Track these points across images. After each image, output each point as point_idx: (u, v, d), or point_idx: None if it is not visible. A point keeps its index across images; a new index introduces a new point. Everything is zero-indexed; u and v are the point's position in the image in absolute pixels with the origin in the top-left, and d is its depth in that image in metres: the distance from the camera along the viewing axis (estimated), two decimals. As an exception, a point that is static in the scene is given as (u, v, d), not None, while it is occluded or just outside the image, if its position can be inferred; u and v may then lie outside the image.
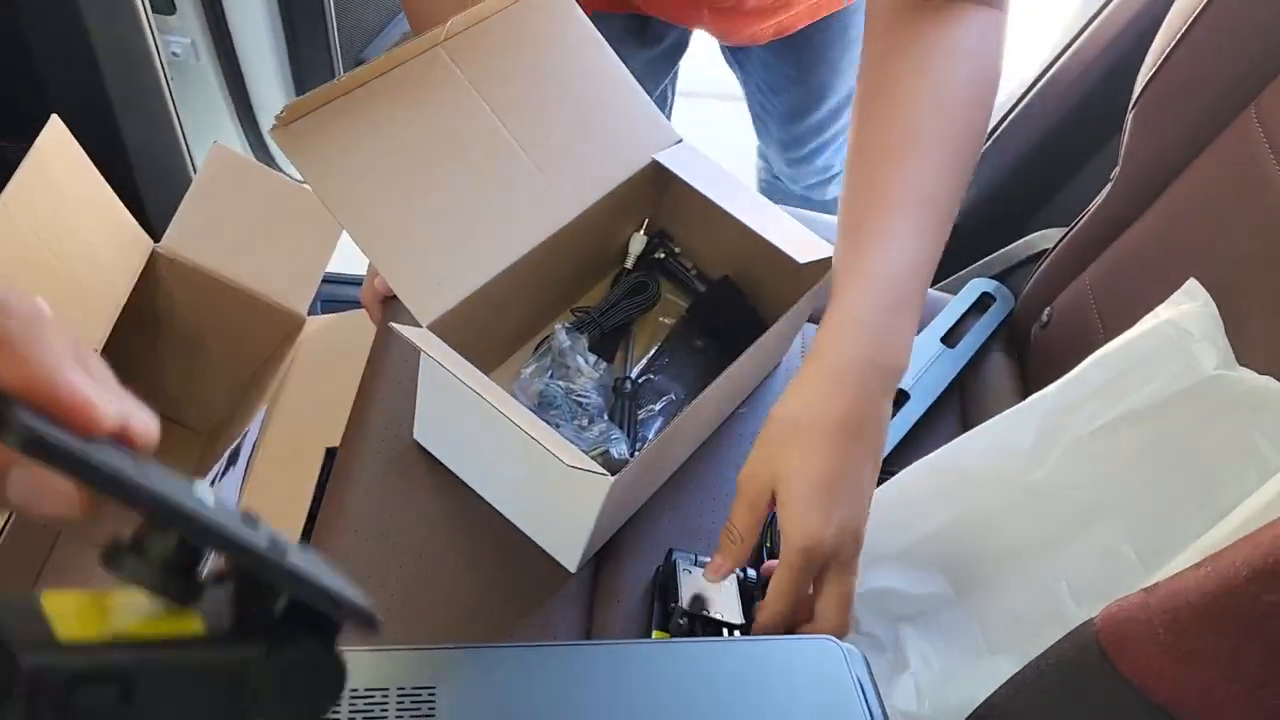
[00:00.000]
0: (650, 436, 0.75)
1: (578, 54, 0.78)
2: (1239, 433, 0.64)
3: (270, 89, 1.49)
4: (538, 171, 0.74)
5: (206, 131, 1.42)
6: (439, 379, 0.71)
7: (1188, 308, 0.69)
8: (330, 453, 0.97)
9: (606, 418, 0.74)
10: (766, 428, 0.64)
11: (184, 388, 1.13)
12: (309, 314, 1.10)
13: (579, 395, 0.75)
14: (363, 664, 0.40)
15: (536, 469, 0.66)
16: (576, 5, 0.79)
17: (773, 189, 1.55)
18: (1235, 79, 0.70)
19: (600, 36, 0.79)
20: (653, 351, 0.83)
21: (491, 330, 0.76)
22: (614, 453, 0.72)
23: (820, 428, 0.62)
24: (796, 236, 0.76)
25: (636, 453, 0.69)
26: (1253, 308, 0.68)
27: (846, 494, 0.62)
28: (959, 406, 0.87)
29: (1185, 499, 0.66)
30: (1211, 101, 0.71)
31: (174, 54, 1.37)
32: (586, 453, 0.69)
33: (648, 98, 0.80)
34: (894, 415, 0.81)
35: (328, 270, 1.21)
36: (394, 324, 0.65)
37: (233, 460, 1.02)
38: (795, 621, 0.63)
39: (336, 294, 1.32)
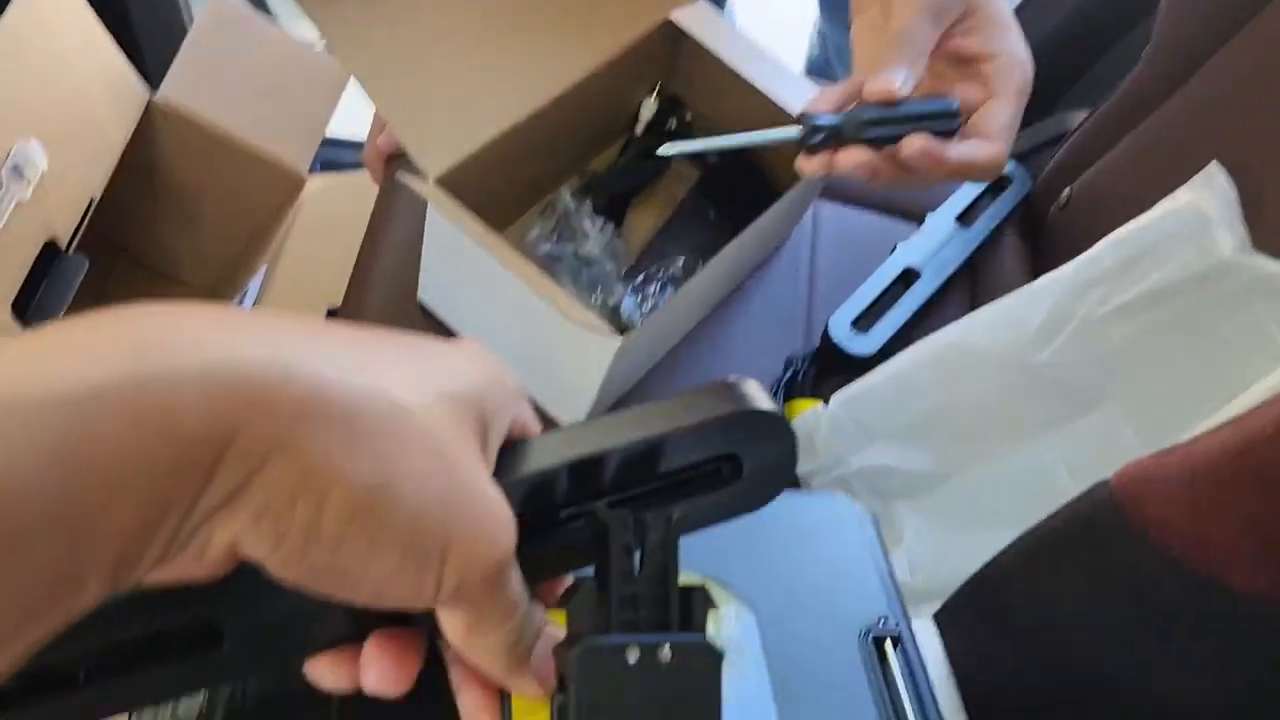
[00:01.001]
0: (659, 303, 0.75)
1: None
2: (1252, 319, 0.63)
3: (269, -60, 1.43)
4: (550, 26, 0.72)
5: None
6: (445, 234, 0.69)
7: (1207, 192, 0.68)
8: (331, 314, 0.96)
9: (615, 281, 0.73)
10: None
11: (182, 244, 1.11)
12: (309, 174, 1.08)
13: (586, 258, 0.74)
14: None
15: (543, 328, 0.66)
16: None
17: (824, 72, 1.45)
18: (1280, -48, 0.67)
19: None
20: (664, 221, 0.81)
21: (498, 191, 0.75)
22: (623, 316, 0.71)
23: None
24: None
25: (644, 317, 0.68)
26: (1275, 194, 0.67)
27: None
28: (969, 287, 0.86)
29: (1192, 383, 0.65)
30: (1253, -23, 0.69)
31: (169, -102, 1.31)
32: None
33: None
34: (904, 294, 0.81)
35: (327, 134, 1.18)
36: (400, 174, 0.64)
37: (232, 319, 1.00)
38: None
39: (336, 158, 1.29)
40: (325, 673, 0.31)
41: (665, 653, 0.29)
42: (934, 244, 0.83)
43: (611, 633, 0.29)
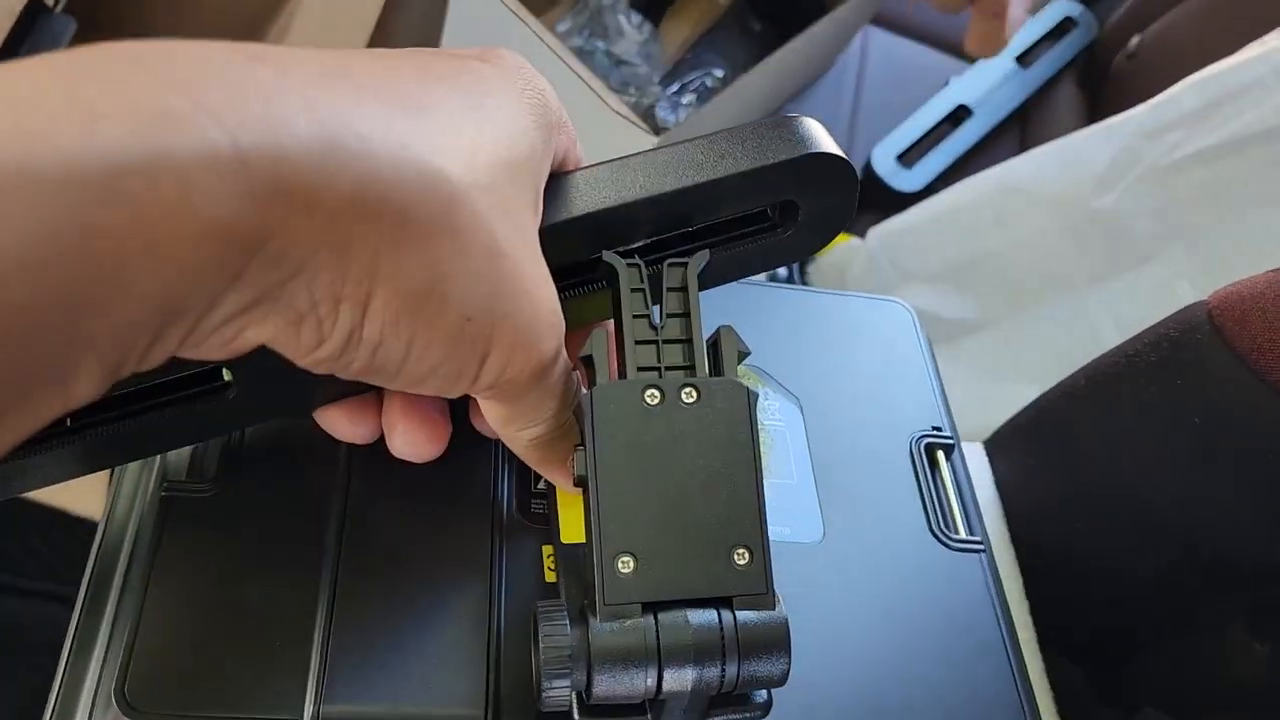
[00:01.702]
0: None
1: None
2: (1337, 176, 0.59)
3: None
4: None
5: None
6: (470, 10, 0.63)
7: (1303, 38, 0.63)
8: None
9: (650, 84, 0.68)
10: None
11: (173, 25, 1.04)
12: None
13: (619, 57, 0.68)
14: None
15: (574, 118, 0.60)
16: None
17: None
18: None
19: None
20: (703, 30, 0.75)
21: None
22: (657, 119, 0.65)
23: None
24: None
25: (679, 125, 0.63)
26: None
27: None
28: (1019, 133, 0.81)
29: (1258, 241, 0.61)
30: None
31: None
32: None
33: None
34: (953, 131, 0.75)
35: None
36: None
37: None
38: None
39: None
40: (342, 423, 0.29)
41: (689, 394, 0.27)
42: (990, 82, 0.77)
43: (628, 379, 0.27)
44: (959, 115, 0.76)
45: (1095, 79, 0.82)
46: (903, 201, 0.71)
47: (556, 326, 0.25)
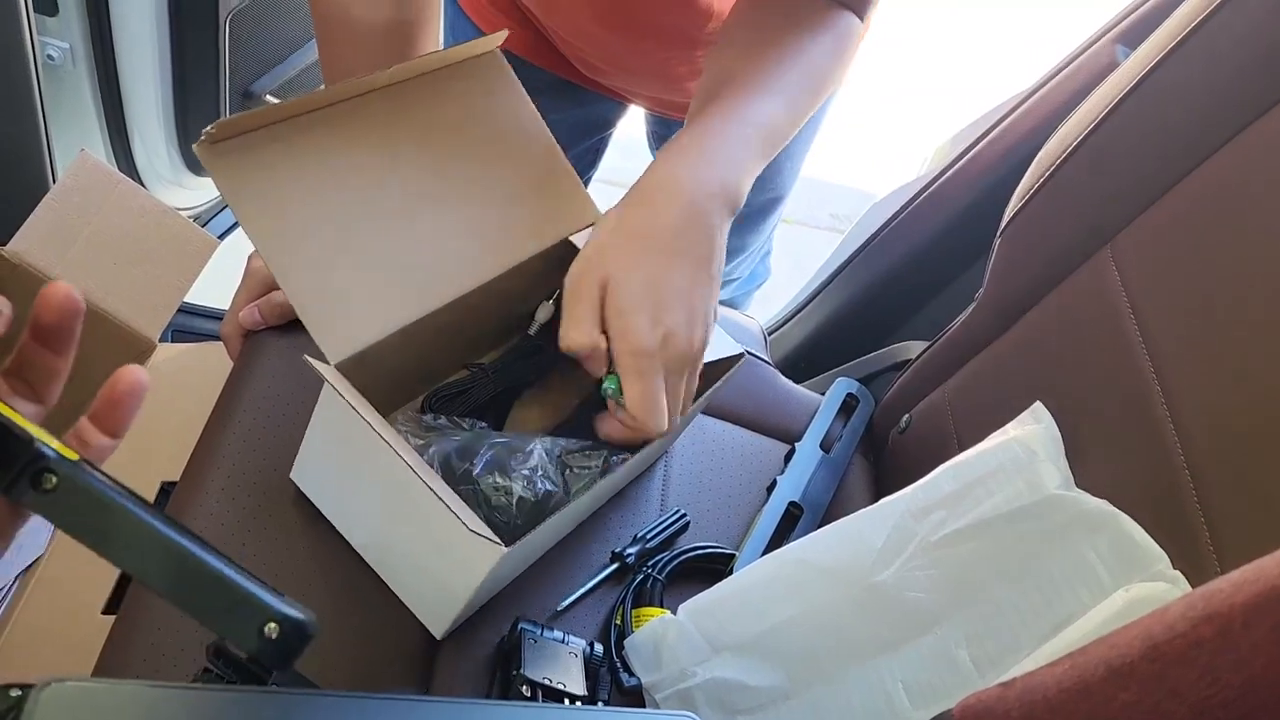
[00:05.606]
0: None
1: (512, 122, 0.78)
2: (1075, 551, 0.67)
3: (147, 108, 1.43)
4: (457, 232, 0.73)
5: (74, 143, 1.35)
6: (334, 418, 0.68)
7: (1034, 429, 0.73)
8: (167, 488, 0.91)
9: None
10: (597, 232, 0.67)
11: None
12: (160, 341, 1.04)
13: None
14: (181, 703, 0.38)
15: (425, 526, 0.64)
16: (513, 73, 0.79)
17: None
18: (1095, 218, 0.75)
19: (534, 108, 0.79)
20: (553, 426, 0.82)
21: (388, 380, 0.74)
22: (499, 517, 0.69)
23: (650, 235, 0.66)
24: None
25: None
26: (1092, 435, 0.72)
27: (673, 301, 0.65)
28: (814, 504, 0.88)
29: (1021, 611, 0.68)
30: (1072, 237, 0.76)
31: (50, 57, 1.30)
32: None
33: (575, 175, 0.80)
34: (792, 530, 0.82)
35: (184, 300, 1.15)
36: (308, 357, 0.62)
37: (53, 486, 0.94)
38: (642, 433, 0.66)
39: (190, 325, 1.26)
40: None
41: None
42: (806, 474, 0.85)
43: None
44: (794, 514, 0.84)
45: (875, 451, 0.92)
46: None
47: None
